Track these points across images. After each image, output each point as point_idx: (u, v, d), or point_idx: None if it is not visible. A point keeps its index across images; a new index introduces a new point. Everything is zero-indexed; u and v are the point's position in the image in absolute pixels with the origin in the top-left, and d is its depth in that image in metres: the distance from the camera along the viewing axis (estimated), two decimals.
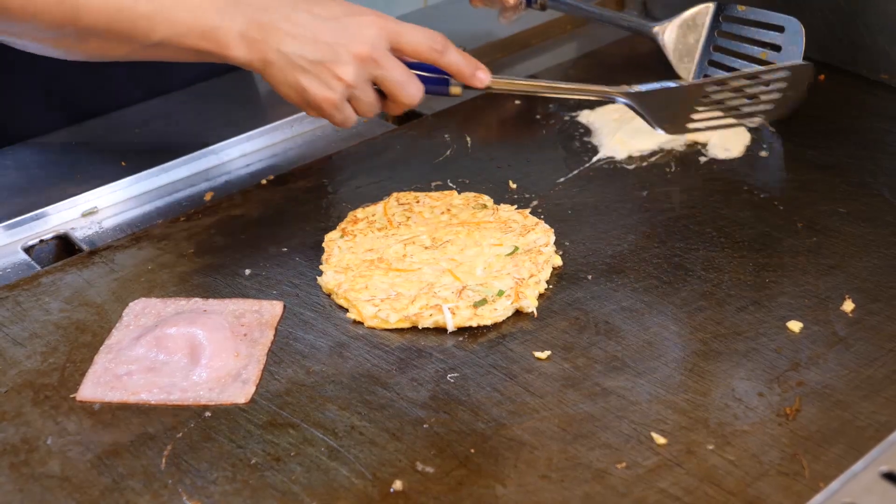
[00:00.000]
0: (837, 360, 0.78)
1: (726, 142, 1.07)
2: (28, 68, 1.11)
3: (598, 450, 0.72)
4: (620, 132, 1.08)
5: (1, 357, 0.85)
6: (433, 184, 1.04)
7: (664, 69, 1.22)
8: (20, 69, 1.10)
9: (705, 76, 1.10)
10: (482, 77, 0.88)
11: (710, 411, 0.75)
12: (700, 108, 0.94)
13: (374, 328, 0.86)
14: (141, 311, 0.89)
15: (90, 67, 0.95)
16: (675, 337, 0.83)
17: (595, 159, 1.07)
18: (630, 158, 1.07)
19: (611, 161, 1.07)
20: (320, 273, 0.93)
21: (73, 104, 1.15)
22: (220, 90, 1.18)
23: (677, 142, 1.09)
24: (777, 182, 1.03)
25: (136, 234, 1.00)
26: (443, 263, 0.90)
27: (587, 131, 1.12)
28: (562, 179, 1.05)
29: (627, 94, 0.92)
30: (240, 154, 1.13)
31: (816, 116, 1.13)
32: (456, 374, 0.81)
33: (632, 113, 0.97)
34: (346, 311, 0.89)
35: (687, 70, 1.11)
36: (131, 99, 1.19)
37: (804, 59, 1.06)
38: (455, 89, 0.89)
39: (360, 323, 0.87)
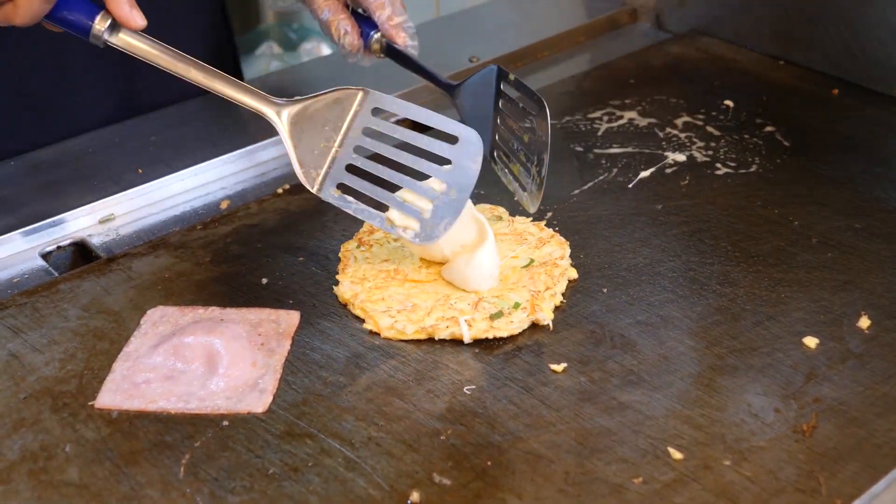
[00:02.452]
0: (853, 377, 0.78)
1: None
2: (41, 76, 1.12)
3: (615, 464, 0.72)
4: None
5: (20, 363, 0.85)
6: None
7: (679, 81, 1.23)
8: (31, 75, 1.11)
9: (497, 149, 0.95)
10: (137, 19, 0.77)
11: (727, 427, 0.74)
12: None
13: (390, 339, 0.86)
14: (159, 319, 0.89)
15: (110, 73, 0.94)
16: (691, 351, 0.83)
17: (610, 171, 1.08)
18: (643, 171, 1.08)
19: (626, 173, 1.08)
20: (337, 283, 0.93)
21: (92, 108, 1.16)
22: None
23: (688, 153, 1.10)
24: (791, 197, 1.03)
25: (153, 241, 1.00)
26: None
27: (605, 142, 1.13)
28: (576, 191, 1.05)
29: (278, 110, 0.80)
30: (255, 163, 1.13)
31: (830, 131, 1.14)
32: (472, 386, 0.81)
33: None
34: (363, 321, 0.89)
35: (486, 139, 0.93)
36: (147, 105, 1.20)
37: None
38: (98, 25, 0.78)
39: (377, 334, 0.86)
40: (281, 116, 0.86)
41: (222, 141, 1.14)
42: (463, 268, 0.88)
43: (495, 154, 0.96)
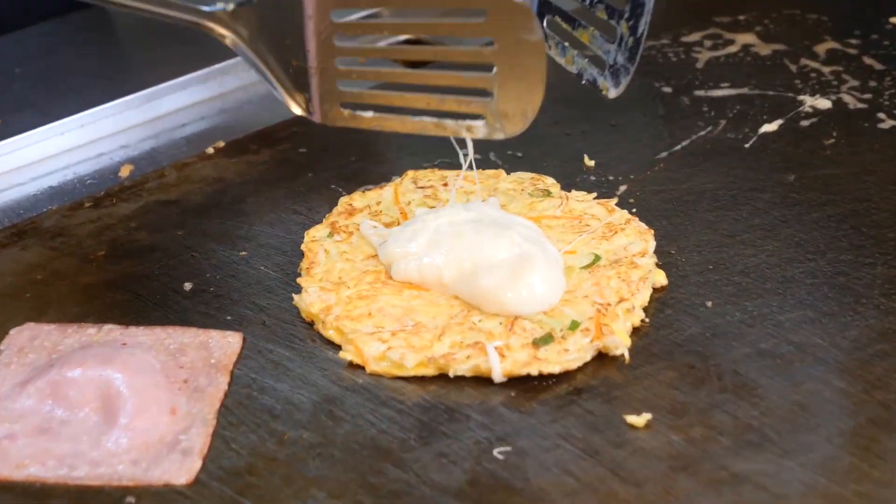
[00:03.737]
0: None
1: None
2: None
3: None
4: None
5: None
6: (468, 158, 1.03)
7: None
8: None
9: None
10: None
11: None
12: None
13: (380, 375, 0.87)
14: (27, 342, 0.89)
15: None
16: (842, 397, 0.83)
17: (715, 124, 1.08)
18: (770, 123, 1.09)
19: (739, 127, 1.08)
20: (299, 290, 0.92)
21: None
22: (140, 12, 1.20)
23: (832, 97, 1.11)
24: None
25: (19, 226, 1.00)
26: None
27: (707, 80, 1.14)
28: (664, 154, 1.04)
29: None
30: (173, 108, 1.13)
31: None
32: (507, 449, 0.81)
33: None
34: (339, 348, 0.89)
35: None
36: (8, 21, 1.21)
37: None
38: None
39: (360, 367, 0.87)
40: (236, 28, 0.88)
41: (121, 75, 1.14)
42: (495, 291, 0.89)
43: (544, 21, 0.95)
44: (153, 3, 0.87)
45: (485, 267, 0.90)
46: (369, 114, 0.89)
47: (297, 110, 0.89)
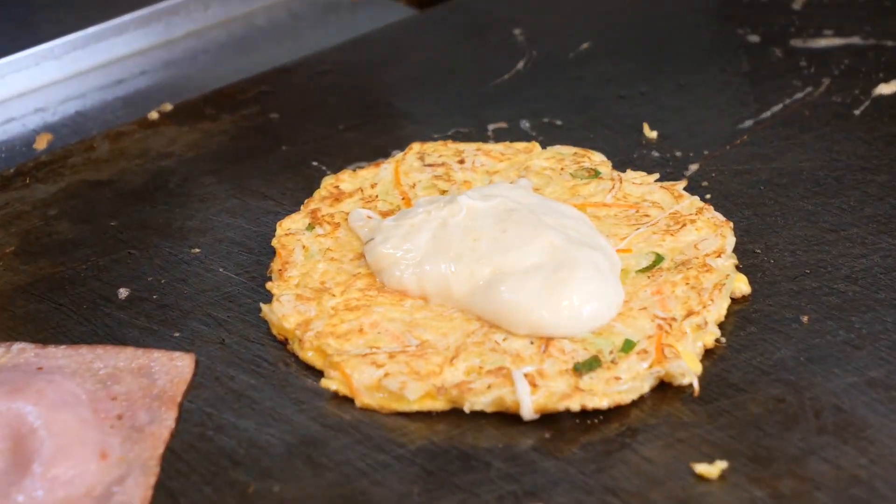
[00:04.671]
0: None
1: None
2: None
3: None
4: None
5: None
6: (491, 127, 1.06)
7: None
8: None
9: None
10: None
11: None
12: None
13: (374, 410, 0.87)
14: None
15: None
16: None
17: (816, 84, 1.09)
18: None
19: (848, 89, 1.09)
20: (268, 299, 0.93)
21: None
22: None
23: None
24: None
25: None
26: None
27: (806, 25, 1.15)
28: (748, 123, 1.05)
29: None
30: (105, 59, 1.16)
31: None
32: None
33: None
34: (321, 374, 0.90)
35: None
36: None
37: None
38: None
39: (349, 400, 0.88)
40: None
41: (36, 15, 1.15)
42: (525, 308, 0.90)
43: None
44: None
45: (511, 274, 0.91)
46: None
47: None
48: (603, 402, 0.87)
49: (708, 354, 0.91)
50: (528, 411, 0.86)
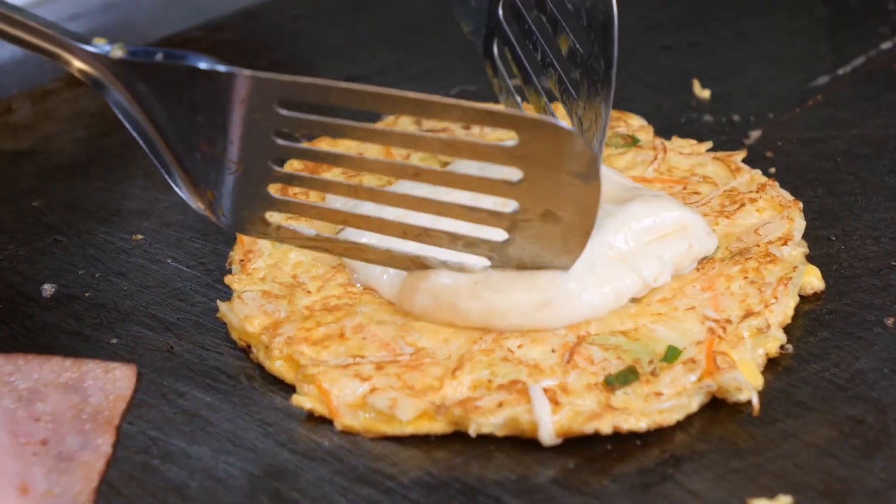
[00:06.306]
0: None
1: None
2: None
3: None
4: None
5: None
6: (501, 85, 0.99)
7: None
8: None
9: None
10: None
11: None
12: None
13: (358, 433, 0.82)
14: None
15: None
16: None
17: None
18: None
19: None
20: (227, 296, 0.88)
21: None
22: None
23: None
24: None
25: None
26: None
27: None
28: (823, 81, 1.02)
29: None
30: None
31: None
32: None
33: None
34: (293, 389, 0.84)
35: None
36: None
37: None
38: None
39: (328, 421, 0.82)
40: (115, 72, 0.87)
41: None
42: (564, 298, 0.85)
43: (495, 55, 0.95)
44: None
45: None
46: (311, 232, 0.88)
47: (196, 206, 0.88)
48: (641, 424, 0.82)
49: (771, 365, 0.86)
50: (548, 435, 0.82)
